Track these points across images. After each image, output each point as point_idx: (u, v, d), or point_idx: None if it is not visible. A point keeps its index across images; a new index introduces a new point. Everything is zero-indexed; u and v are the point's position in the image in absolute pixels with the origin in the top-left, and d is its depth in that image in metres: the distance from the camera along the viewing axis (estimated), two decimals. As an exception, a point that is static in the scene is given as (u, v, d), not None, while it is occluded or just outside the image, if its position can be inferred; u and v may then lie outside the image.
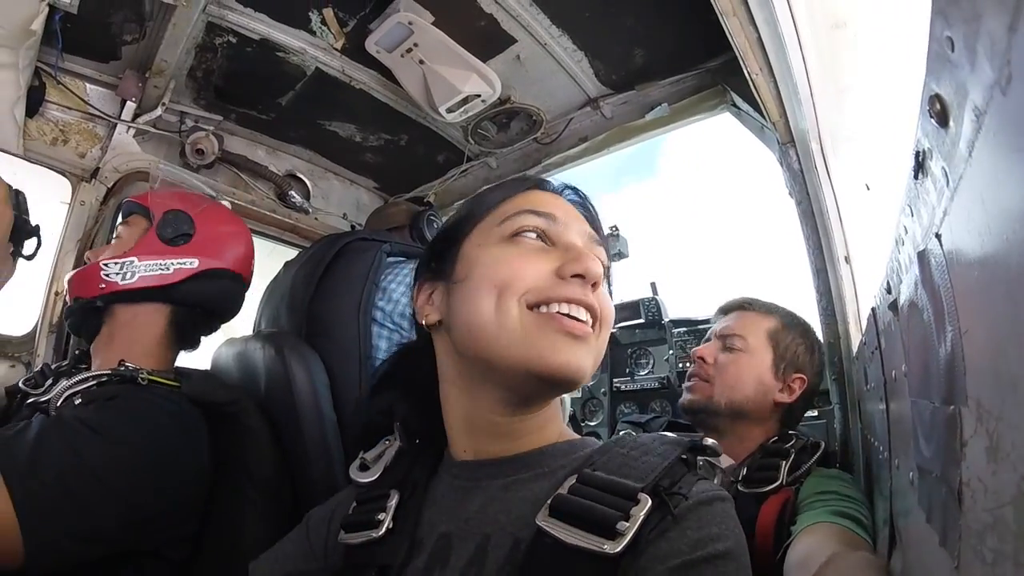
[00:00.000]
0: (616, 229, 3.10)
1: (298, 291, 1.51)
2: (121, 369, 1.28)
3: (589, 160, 2.37)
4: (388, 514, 0.86)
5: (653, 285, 3.63)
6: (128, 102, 2.04)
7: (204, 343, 1.60)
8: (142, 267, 1.40)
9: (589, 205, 0.99)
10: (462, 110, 2.07)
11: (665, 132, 2.16)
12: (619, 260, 3.12)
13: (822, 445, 1.48)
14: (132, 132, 2.11)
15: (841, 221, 1.62)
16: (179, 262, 1.43)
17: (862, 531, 1.16)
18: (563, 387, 0.85)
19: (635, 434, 1.21)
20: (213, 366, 1.74)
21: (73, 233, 2.02)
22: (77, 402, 1.20)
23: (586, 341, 0.81)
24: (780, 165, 1.70)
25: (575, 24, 1.86)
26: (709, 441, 0.79)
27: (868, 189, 1.46)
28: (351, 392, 1.37)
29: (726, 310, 1.80)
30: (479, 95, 2.01)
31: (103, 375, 1.26)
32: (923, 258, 0.58)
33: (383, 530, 0.85)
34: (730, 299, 1.82)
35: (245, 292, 1.60)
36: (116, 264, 1.39)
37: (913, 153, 0.57)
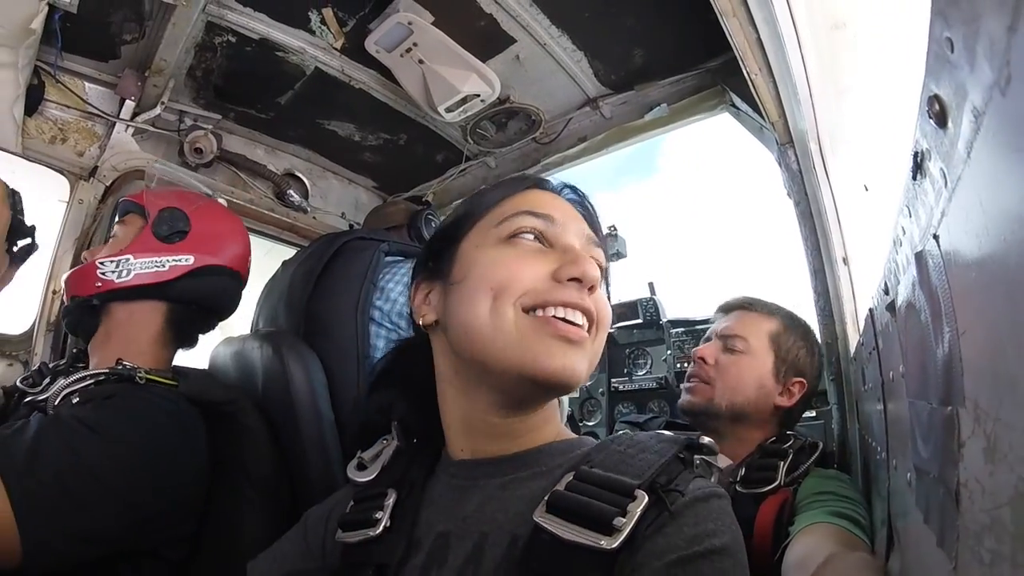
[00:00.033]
0: (614, 229, 3.10)
1: (296, 290, 1.51)
2: (119, 368, 1.27)
3: (588, 160, 2.37)
4: (385, 513, 0.86)
5: (651, 285, 3.63)
6: (127, 101, 2.04)
7: (202, 342, 1.59)
8: (138, 265, 1.40)
9: (588, 204, 0.98)
10: (461, 110, 2.07)
11: (664, 132, 2.16)
12: (617, 260, 3.13)
13: (820, 446, 1.47)
14: (131, 131, 2.11)
15: (839, 222, 1.62)
16: (174, 259, 1.42)
17: (860, 532, 1.15)
18: (557, 391, 0.85)
19: (632, 433, 1.21)
20: (211, 365, 1.74)
21: (71, 232, 2.02)
22: (75, 401, 1.19)
23: (581, 345, 0.81)
24: (779, 165, 1.70)
25: (574, 24, 1.86)
26: (706, 440, 0.79)
27: (866, 190, 1.46)
28: (349, 391, 1.37)
29: (727, 309, 1.78)
30: (478, 95, 2.01)
31: (101, 374, 1.26)
32: (921, 259, 0.58)
33: (380, 529, 0.85)
34: (732, 298, 1.80)
35: (242, 289, 1.60)
36: (112, 262, 1.39)
37: (911, 154, 0.57)
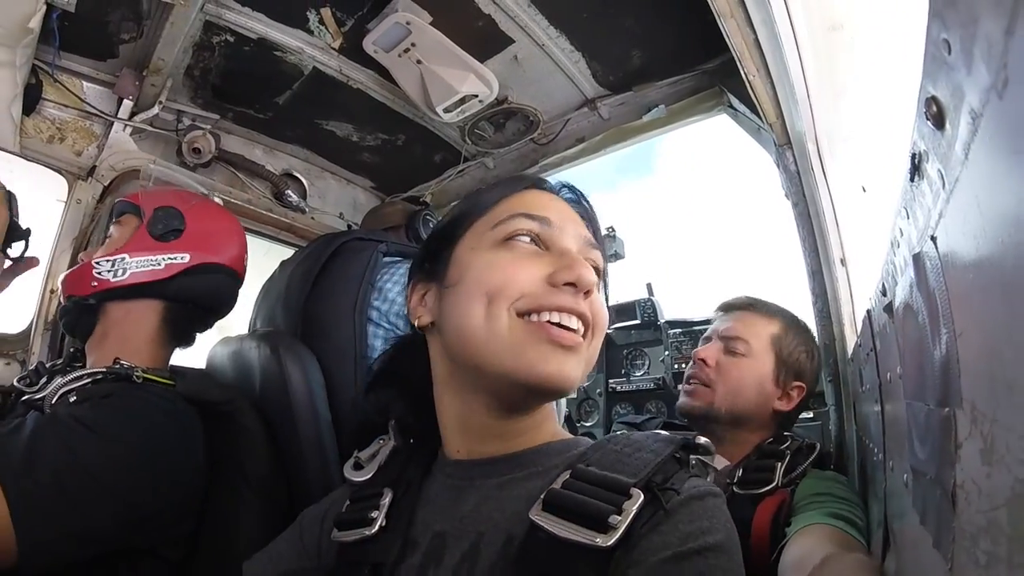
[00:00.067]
0: (612, 230, 3.11)
1: (294, 290, 1.51)
2: (116, 367, 1.27)
3: (586, 161, 2.38)
4: (381, 512, 0.86)
5: (649, 286, 3.64)
6: (125, 100, 2.03)
7: (199, 341, 1.59)
8: (133, 263, 1.39)
9: (586, 204, 0.98)
10: (459, 110, 2.07)
11: (662, 133, 2.16)
12: (615, 261, 3.13)
13: (817, 447, 1.47)
14: (129, 130, 2.10)
15: (837, 223, 1.62)
16: (170, 257, 1.42)
17: (857, 533, 1.16)
18: (551, 396, 0.85)
19: (629, 432, 1.21)
20: (208, 365, 1.74)
21: (69, 231, 2.01)
22: (72, 400, 1.19)
23: (575, 351, 0.81)
24: (776, 166, 1.70)
25: (573, 25, 1.86)
26: (702, 440, 0.79)
27: (864, 191, 1.46)
28: (346, 392, 1.37)
29: (728, 309, 1.77)
30: (476, 95, 2.00)
31: (98, 373, 1.26)
32: (918, 260, 0.58)
33: (376, 528, 0.85)
34: (733, 297, 1.79)
35: (239, 287, 1.59)
36: (108, 262, 1.39)
37: (909, 155, 0.57)
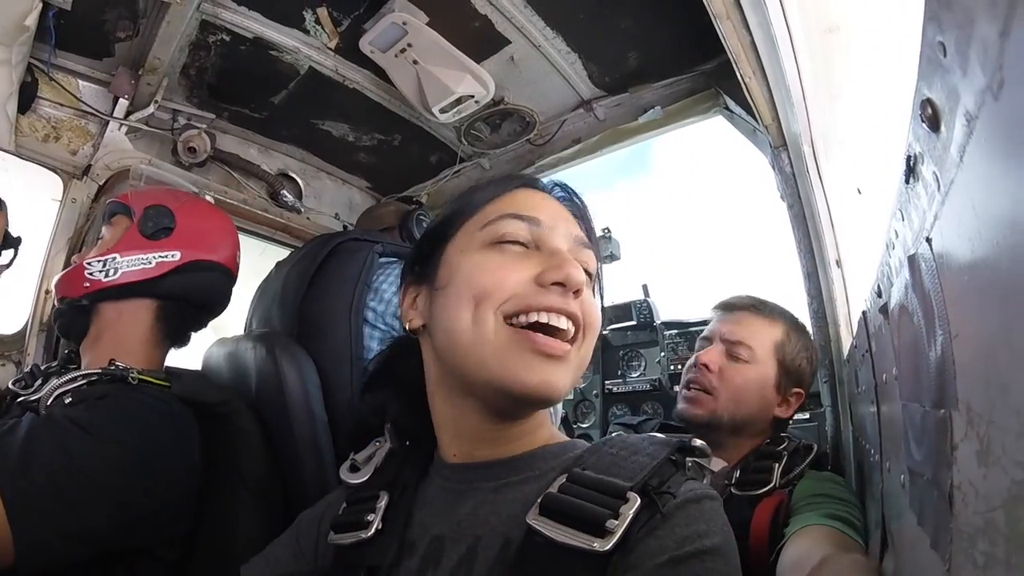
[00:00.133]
0: (608, 231, 3.10)
1: (290, 291, 1.50)
2: (111, 368, 1.27)
3: (582, 162, 2.38)
4: (377, 515, 0.86)
5: (645, 287, 3.63)
6: (121, 99, 2.02)
7: (195, 343, 1.59)
8: (125, 263, 1.39)
9: (578, 201, 0.97)
10: (455, 111, 2.07)
11: (658, 135, 2.17)
12: (611, 262, 3.12)
13: (814, 447, 1.47)
14: (124, 129, 2.10)
15: (832, 225, 1.62)
16: (160, 255, 1.42)
17: (854, 533, 1.16)
18: (537, 406, 0.84)
19: (625, 435, 1.21)
20: (204, 366, 1.73)
21: (64, 231, 2.01)
22: (67, 401, 1.19)
23: (563, 359, 0.80)
24: (772, 168, 1.70)
25: (569, 26, 1.86)
26: (698, 442, 0.79)
27: (860, 193, 1.47)
28: (342, 393, 1.37)
29: (729, 308, 1.72)
30: (472, 96, 2.00)
31: (93, 374, 1.25)
32: (913, 262, 0.58)
33: (372, 531, 0.85)
34: (735, 297, 1.75)
35: (232, 284, 1.59)
36: (99, 262, 1.39)
37: (904, 158, 0.57)
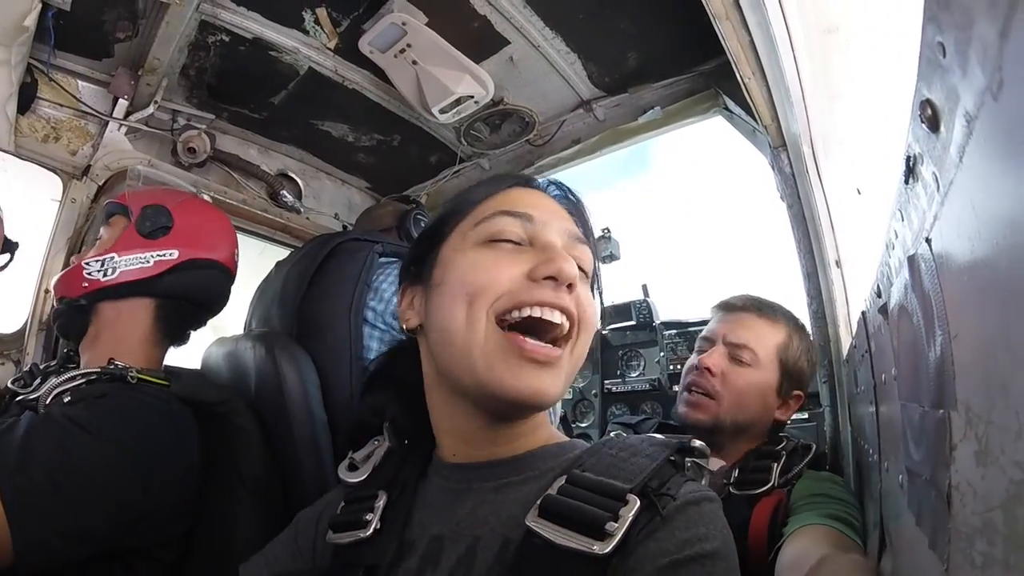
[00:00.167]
0: (608, 231, 3.11)
1: (290, 291, 1.50)
2: (111, 367, 1.27)
3: (582, 162, 2.38)
4: (376, 515, 0.86)
5: (644, 287, 3.64)
6: (120, 100, 2.01)
7: (195, 342, 1.59)
8: (123, 262, 1.39)
9: (573, 198, 0.97)
10: (455, 111, 2.07)
11: (658, 135, 2.17)
12: (611, 262, 3.13)
13: (813, 447, 1.47)
14: (124, 130, 2.10)
15: (832, 225, 1.62)
16: (158, 254, 1.42)
17: (853, 533, 1.16)
18: (527, 412, 0.84)
19: (625, 435, 1.21)
20: (203, 366, 1.73)
21: (63, 231, 2.00)
22: (66, 400, 1.19)
23: (553, 365, 0.79)
24: (772, 169, 1.70)
25: (568, 26, 1.86)
26: (697, 443, 0.79)
27: (859, 193, 1.47)
28: (342, 392, 1.37)
29: (731, 309, 1.70)
30: (472, 96, 2.00)
31: (92, 373, 1.25)
32: (913, 262, 0.58)
33: (371, 530, 0.85)
34: (737, 297, 1.73)
35: (230, 283, 1.59)
36: (97, 262, 1.39)
37: (904, 158, 0.57)
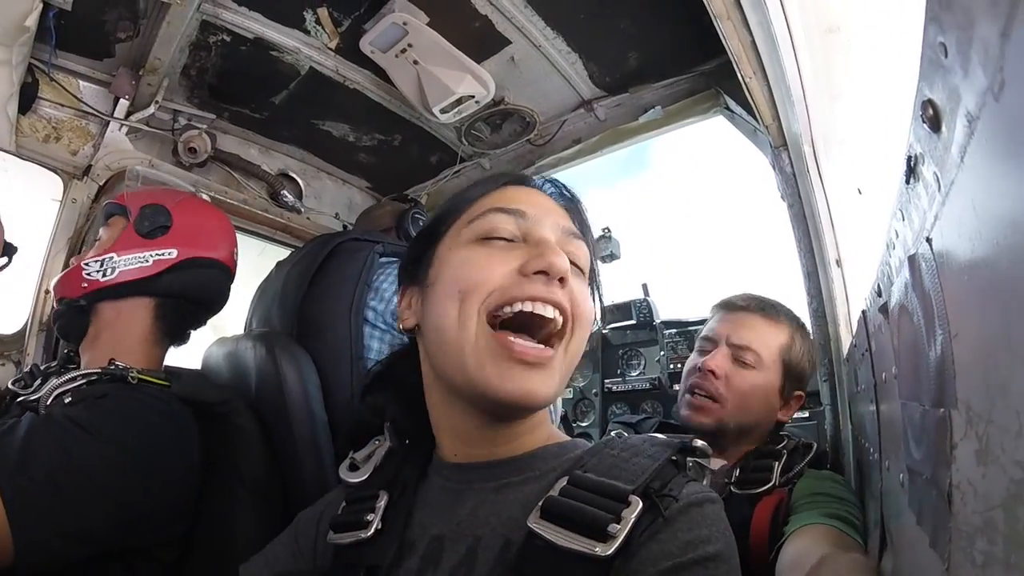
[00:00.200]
0: (608, 230, 3.10)
1: (290, 291, 1.50)
2: (111, 368, 1.27)
3: (583, 162, 2.38)
4: (377, 515, 0.86)
5: (644, 287, 3.64)
6: (121, 100, 2.02)
7: (195, 342, 1.59)
8: (122, 262, 1.40)
9: (568, 194, 0.97)
10: (456, 111, 2.07)
11: (658, 135, 2.17)
12: (611, 261, 3.12)
13: (814, 446, 1.47)
14: (125, 130, 2.10)
15: (833, 224, 1.62)
16: (157, 253, 1.42)
17: (854, 532, 1.16)
18: (519, 413, 0.84)
19: (626, 435, 1.20)
20: (204, 366, 1.73)
21: (64, 231, 2.01)
22: (67, 400, 1.19)
23: (544, 365, 0.79)
24: (772, 168, 1.70)
25: (569, 26, 1.86)
26: (699, 443, 0.78)
27: (860, 193, 1.47)
28: (342, 392, 1.37)
29: (733, 309, 1.69)
30: (473, 96, 2.00)
31: (93, 373, 1.25)
32: (914, 262, 0.58)
33: (372, 531, 0.84)
34: (738, 295, 1.72)
35: (230, 281, 1.59)
36: (96, 262, 1.40)
37: (905, 158, 0.57)
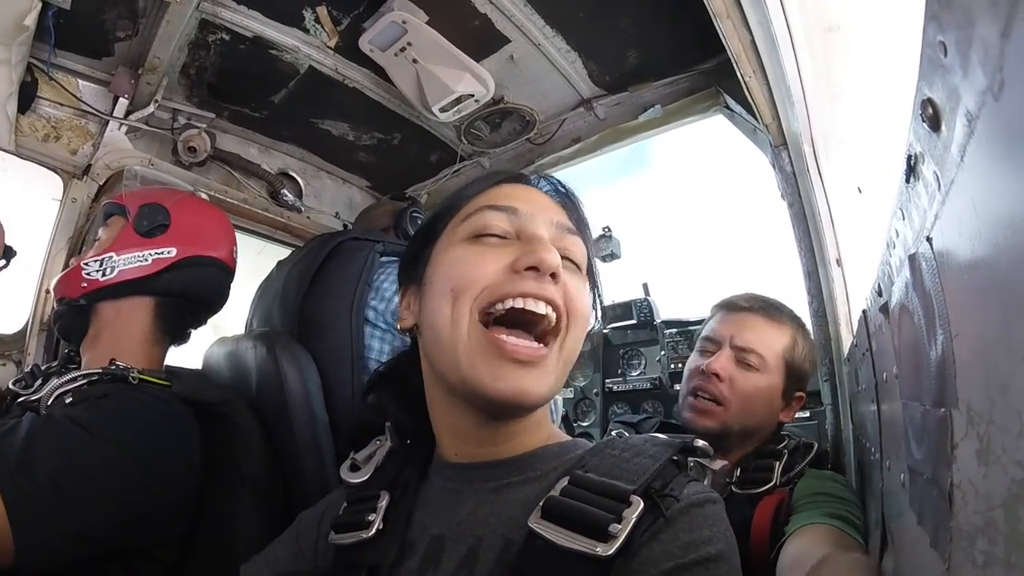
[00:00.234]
0: (608, 230, 3.10)
1: (291, 290, 1.50)
2: (112, 368, 1.27)
3: (582, 161, 2.38)
4: (378, 515, 0.86)
5: (645, 286, 3.63)
6: (120, 99, 2.01)
7: (196, 342, 1.59)
8: (121, 261, 1.40)
9: (563, 190, 0.96)
10: (455, 110, 2.06)
11: (658, 133, 2.17)
12: (611, 261, 3.12)
13: (815, 446, 1.47)
14: (124, 129, 2.10)
15: (833, 224, 1.62)
16: (156, 252, 1.42)
17: (855, 532, 1.16)
18: (512, 413, 0.83)
19: (627, 435, 1.20)
20: (204, 365, 1.73)
21: (64, 230, 2.00)
22: (68, 401, 1.19)
23: (537, 364, 0.79)
24: (772, 167, 1.70)
25: (569, 25, 1.86)
26: (700, 443, 0.78)
27: (860, 192, 1.47)
28: (343, 392, 1.37)
29: (735, 309, 1.68)
30: (472, 95, 2.00)
31: (94, 374, 1.25)
32: (914, 261, 0.58)
33: (373, 531, 0.84)
34: (740, 295, 1.71)
35: (229, 280, 1.59)
36: (96, 262, 1.40)
37: (905, 157, 0.57)
